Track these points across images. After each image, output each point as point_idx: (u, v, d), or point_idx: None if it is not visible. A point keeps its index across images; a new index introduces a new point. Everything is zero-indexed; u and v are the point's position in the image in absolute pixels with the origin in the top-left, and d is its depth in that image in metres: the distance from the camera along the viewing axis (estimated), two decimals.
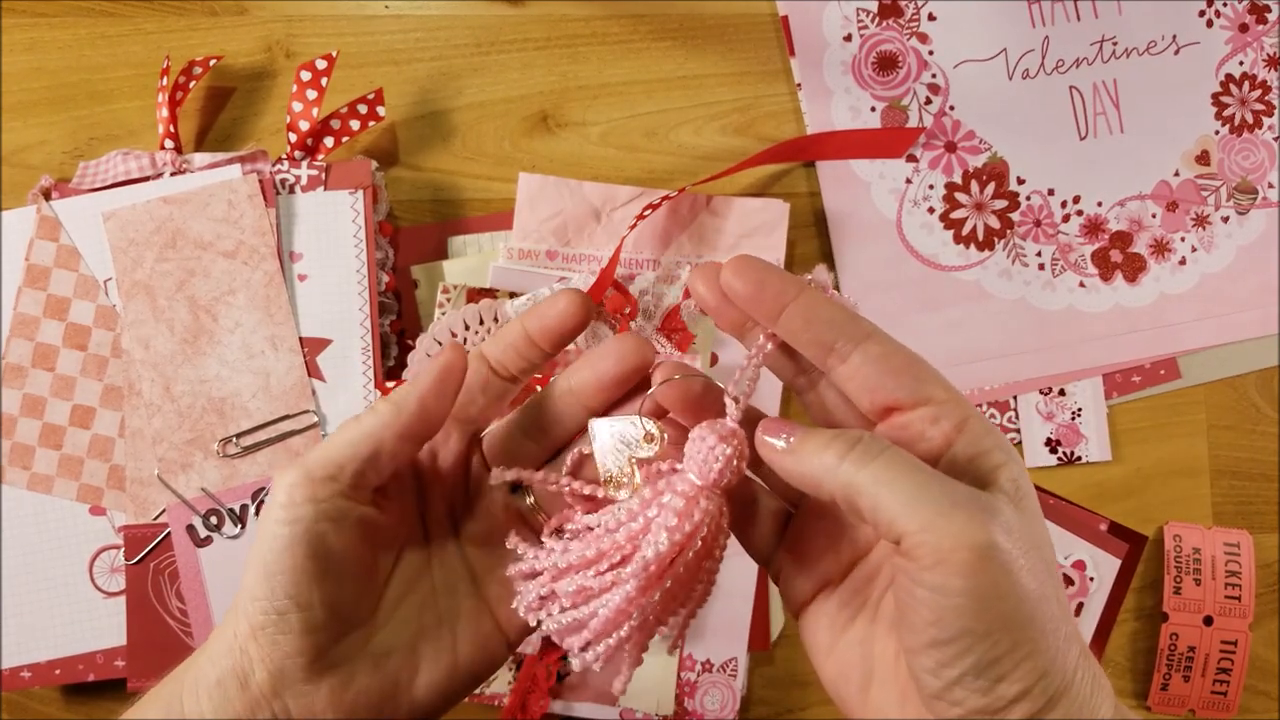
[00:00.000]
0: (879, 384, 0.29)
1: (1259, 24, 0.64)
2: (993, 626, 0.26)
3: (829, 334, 0.30)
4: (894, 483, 0.27)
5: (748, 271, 0.30)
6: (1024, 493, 0.29)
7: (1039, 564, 0.27)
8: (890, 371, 0.29)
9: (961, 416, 0.29)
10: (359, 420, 0.32)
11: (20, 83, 0.62)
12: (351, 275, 0.57)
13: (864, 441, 0.28)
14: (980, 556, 0.25)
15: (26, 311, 0.57)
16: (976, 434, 0.29)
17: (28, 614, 0.56)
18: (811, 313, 0.30)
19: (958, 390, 0.30)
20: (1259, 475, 0.64)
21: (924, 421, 0.29)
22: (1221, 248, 0.64)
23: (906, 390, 0.29)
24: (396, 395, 0.32)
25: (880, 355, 0.29)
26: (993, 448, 0.29)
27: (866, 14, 0.62)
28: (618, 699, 0.58)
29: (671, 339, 0.59)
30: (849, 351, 0.30)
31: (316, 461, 0.31)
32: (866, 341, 0.30)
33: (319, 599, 0.31)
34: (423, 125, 0.62)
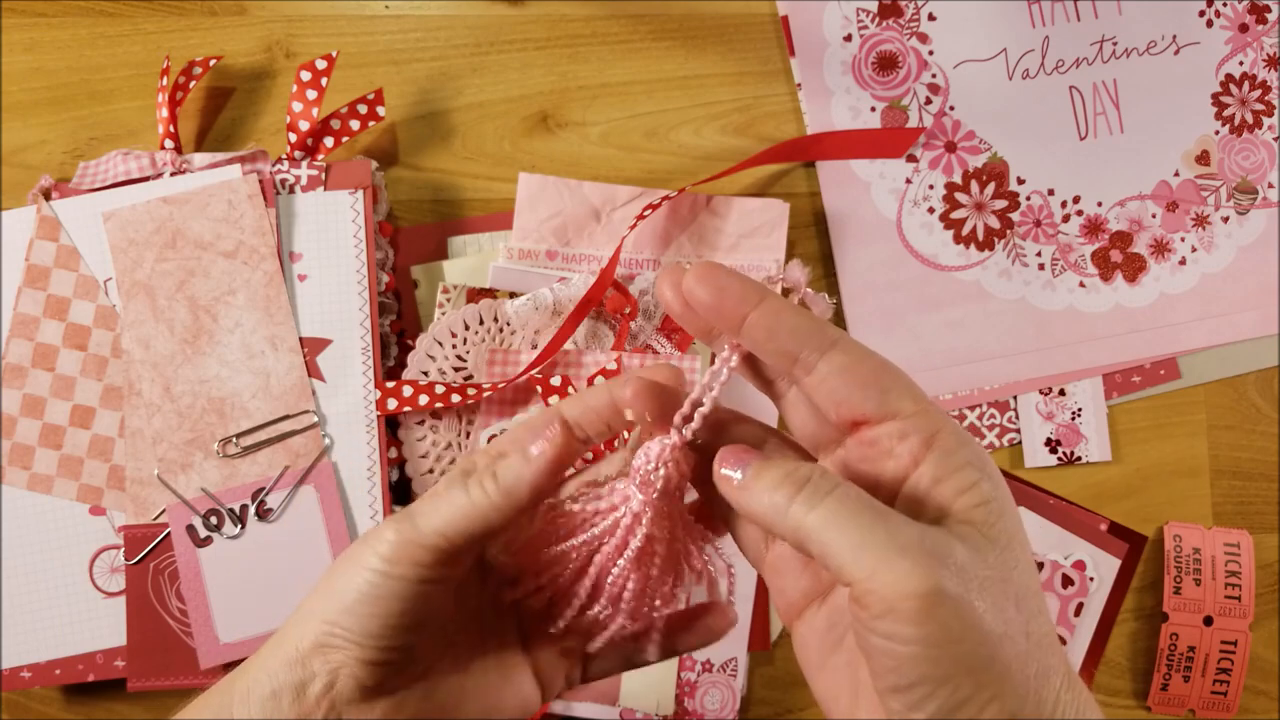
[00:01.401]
0: (845, 396, 0.28)
1: (1259, 24, 0.64)
2: (950, 671, 0.25)
3: (792, 344, 0.28)
4: (841, 528, 0.26)
5: (709, 279, 0.29)
6: (995, 514, 0.27)
7: (1002, 600, 0.26)
8: (856, 383, 0.28)
9: (931, 431, 0.28)
10: (469, 493, 0.31)
11: (20, 83, 0.62)
12: (351, 275, 0.57)
13: (812, 481, 0.27)
14: (927, 604, 0.25)
15: (26, 311, 0.57)
16: (948, 449, 0.28)
17: (28, 614, 0.56)
18: (773, 321, 0.28)
19: (929, 401, 0.29)
20: (1259, 475, 0.64)
21: (891, 437, 0.28)
22: (1221, 248, 0.64)
23: (873, 403, 0.28)
24: (508, 477, 0.31)
25: (845, 366, 0.28)
26: (964, 465, 0.28)
27: (866, 14, 0.62)
28: (617, 699, 0.58)
29: (672, 339, 0.59)
30: (814, 362, 0.28)
31: (430, 528, 0.31)
32: (831, 351, 0.28)
33: (397, 643, 0.31)
34: (423, 125, 0.62)
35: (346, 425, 0.57)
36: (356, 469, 0.56)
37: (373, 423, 0.57)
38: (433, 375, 0.58)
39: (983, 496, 0.27)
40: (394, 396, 0.56)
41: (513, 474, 0.31)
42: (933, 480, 0.28)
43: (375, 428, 0.57)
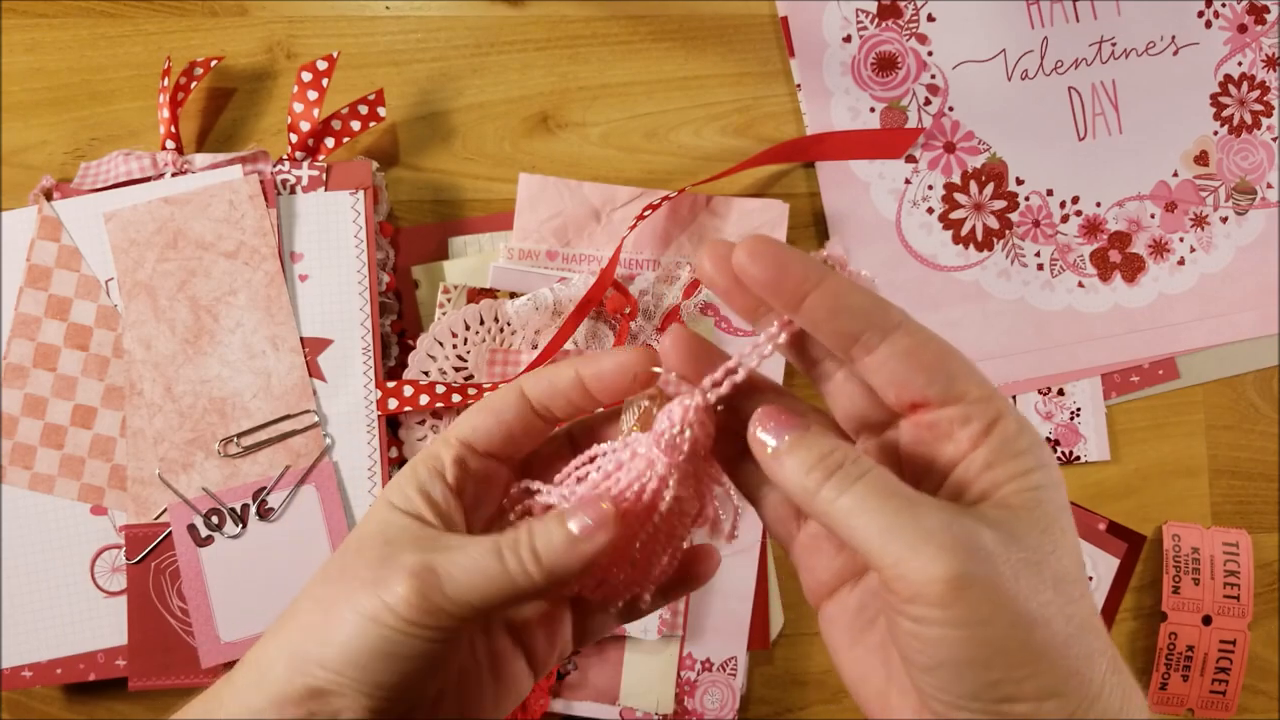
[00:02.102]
0: (907, 379, 0.28)
1: (1258, 25, 0.64)
2: (980, 653, 0.25)
3: (855, 324, 0.27)
4: (869, 514, 0.26)
5: (765, 254, 0.27)
6: (1039, 500, 0.27)
7: (1037, 583, 0.26)
8: (921, 367, 0.28)
9: (993, 417, 0.27)
10: (506, 563, 0.29)
11: (21, 83, 0.62)
12: (352, 275, 0.57)
13: (844, 466, 0.27)
14: (953, 588, 0.25)
15: (28, 312, 0.57)
16: (1007, 435, 0.27)
17: (29, 613, 0.56)
18: (837, 302, 0.27)
19: (993, 387, 0.28)
20: (1258, 475, 0.64)
21: (953, 422, 0.28)
22: (1220, 248, 0.64)
23: (938, 387, 0.27)
24: (552, 557, 0.29)
25: (909, 349, 0.27)
26: (1021, 452, 0.27)
27: (866, 15, 0.62)
28: (617, 698, 0.58)
29: None
30: (876, 343, 0.28)
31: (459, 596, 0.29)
32: (895, 332, 0.28)
33: (414, 689, 0.30)
34: (423, 126, 0.62)
35: (347, 425, 0.57)
36: (357, 469, 0.57)
37: (374, 423, 0.57)
38: (433, 375, 0.58)
39: (1031, 483, 0.27)
40: (395, 396, 0.56)
41: (558, 558, 0.30)
42: (985, 464, 0.27)
43: (376, 427, 0.57)
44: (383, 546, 0.30)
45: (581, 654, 0.58)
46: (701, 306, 0.59)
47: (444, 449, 0.32)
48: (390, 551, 0.30)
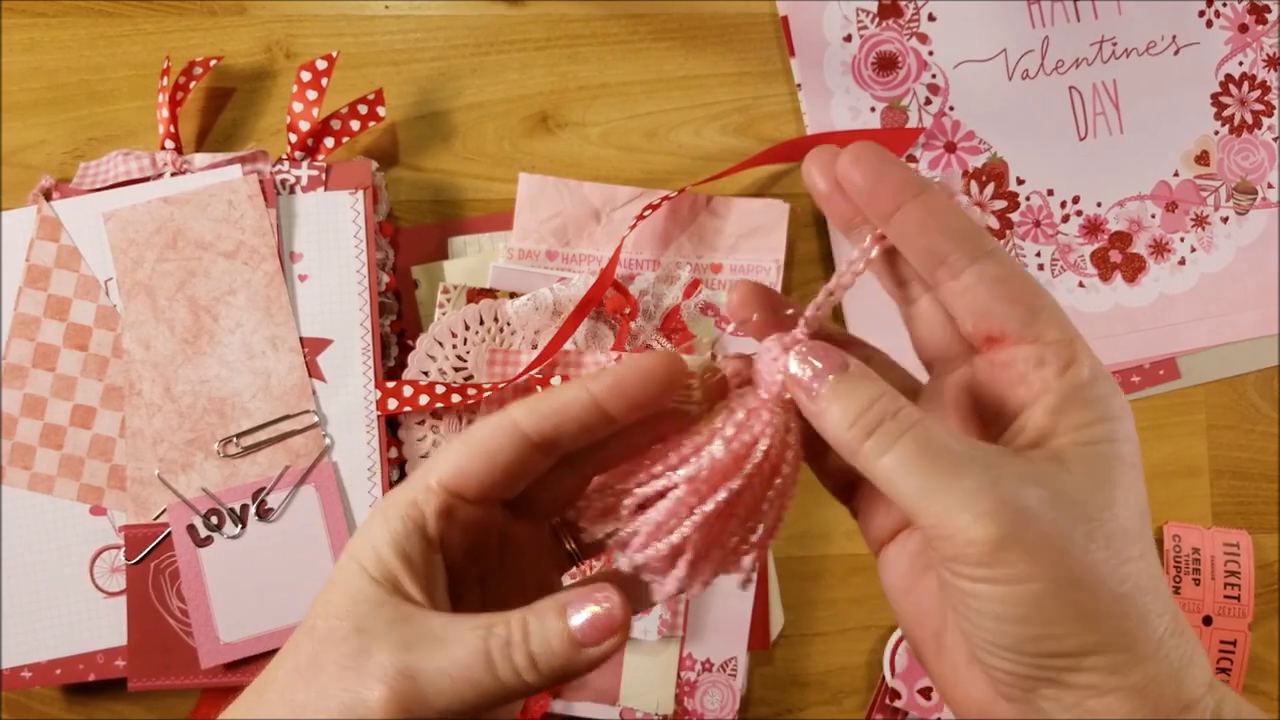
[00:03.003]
0: (989, 309, 0.26)
1: (1259, 24, 0.64)
2: (1019, 611, 0.25)
3: (944, 244, 0.26)
4: (908, 473, 0.25)
5: (867, 160, 0.27)
6: (1098, 455, 0.26)
7: (1085, 542, 0.25)
8: (1004, 298, 0.26)
9: (1067, 360, 0.26)
10: (497, 667, 0.27)
11: (20, 83, 0.62)
12: (352, 275, 0.57)
13: (885, 424, 0.26)
14: (992, 549, 0.24)
15: (27, 312, 0.57)
16: (1079, 384, 0.26)
17: (28, 614, 0.56)
18: (930, 217, 0.27)
19: (1076, 331, 0.27)
20: (1258, 475, 0.64)
21: (1029, 362, 0.26)
22: (1221, 248, 0.64)
23: (1018, 321, 0.26)
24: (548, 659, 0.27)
25: (997, 278, 0.26)
26: (1089, 401, 0.26)
27: (866, 14, 0.62)
28: (617, 698, 0.58)
29: (672, 339, 0.59)
30: (962, 267, 0.27)
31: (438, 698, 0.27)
32: (985, 260, 0.26)
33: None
34: (423, 125, 0.62)
35: (347, 425, 0.57)
36: (357, 469, 0.57)
37: (373, 423, 0.57)
38: (433, 375, 0.58)
39: (1093, 435, 0.26)
40: (394, 396, 0.56)
41: (558, 666, 0.27)
42: (1050, 410, 0.26)
43: (376, 428, 0.57)
44: (355, 636, 0.27)
45: None
46: (702, 306, 0.59)
47: (425, 498, 0.28)
48: (364, 644, 0.27)
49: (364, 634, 0.27)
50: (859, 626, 0.62)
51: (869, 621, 0.62)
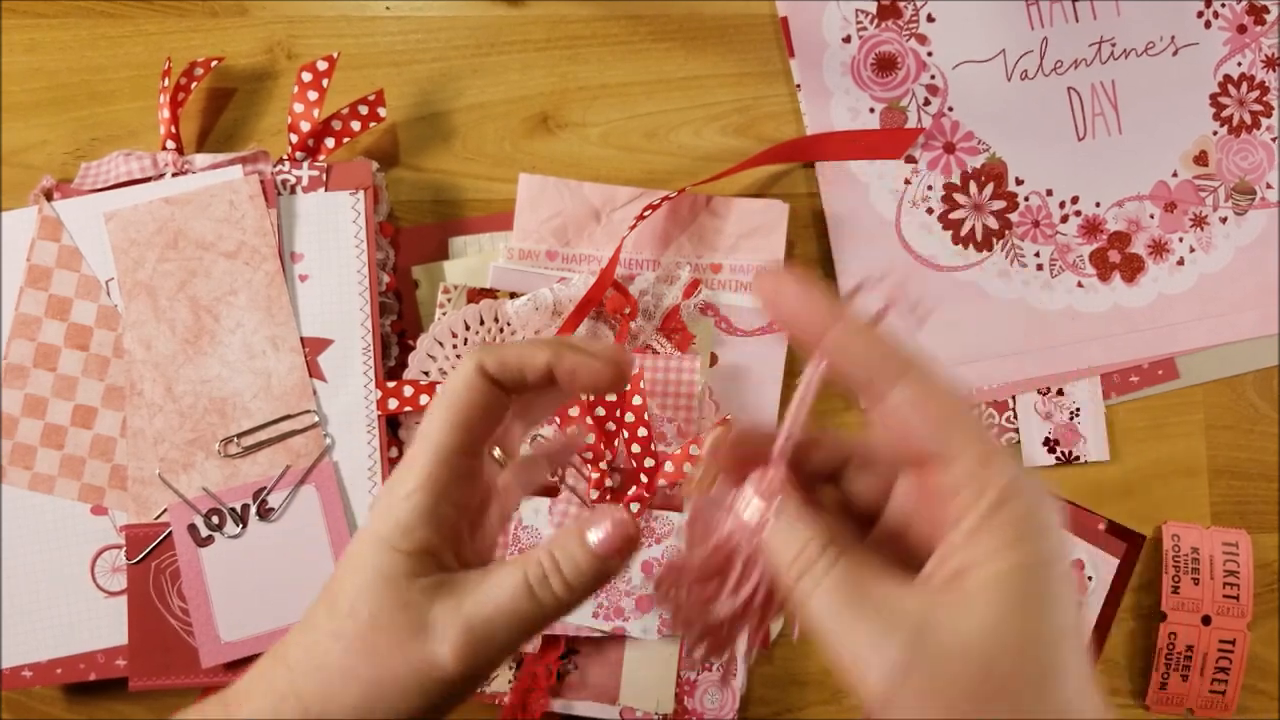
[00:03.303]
0: (908, 432, 0.27)
1: (1257, 25, 0.64)
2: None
3: (864, 372, 0.28)
4: (825, 619, 0.26)
5: (783, 293, 0.28)
6: (1006, 587, 0.25)
7: (981, 683, 0.25)
8: (921, 420, 0.27)
9: (983, 484, 0.26)
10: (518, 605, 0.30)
11: (21, 83, 0.62)
12: (352, 276, 0.57)
13: (817, 564, 0.27)
14: (883, 703, 0.25)
15: (28, 312, 0.57)
16: (993, 506, 0.26)
17: (29, 613, 0.56)
18: (847, 346, 0.28)
19: (995, 447, 0.27)
20: (1257, 475, 0.64)
21: (948, 485, 0.27)
22: (1220, 248, 0.64)
23: (936, 443, 0.27)
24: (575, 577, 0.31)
25: (914, 400, 0.27)
26: (1011, 521, 0.26)
27: (866, 15, 0.62)
28: (617, 698, 0.58)
29: (672, 339, 0.59)
30: (884, 391, 0.27)
31: (498, 640, 0.30)
32: (903, 382, 0.27)
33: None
34: (423, 126, 0.62)
35: (347, 425, 0.57)
36: (357, 469, 0.57)
37: (374, 423, 0.57)
38: (433, 375, 0.58)
39: (1007, 563, 0.25)
40: (395, 396, 0.56)
41: (587, 580, 0.31)
42: (969, 534, 0.26)
43: (376, 427, 0.57)
44: (403, 612, 0.30)
45: (581, 654, 0.58)
46: (701, 306, 0.59)
47: (433, 468, 0.31)
48: (415, 616, 0.30)
49: (411, 607, 0.29)
50: None
51: None
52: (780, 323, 0.29)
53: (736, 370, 0.59)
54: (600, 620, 0.56)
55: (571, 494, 0.56)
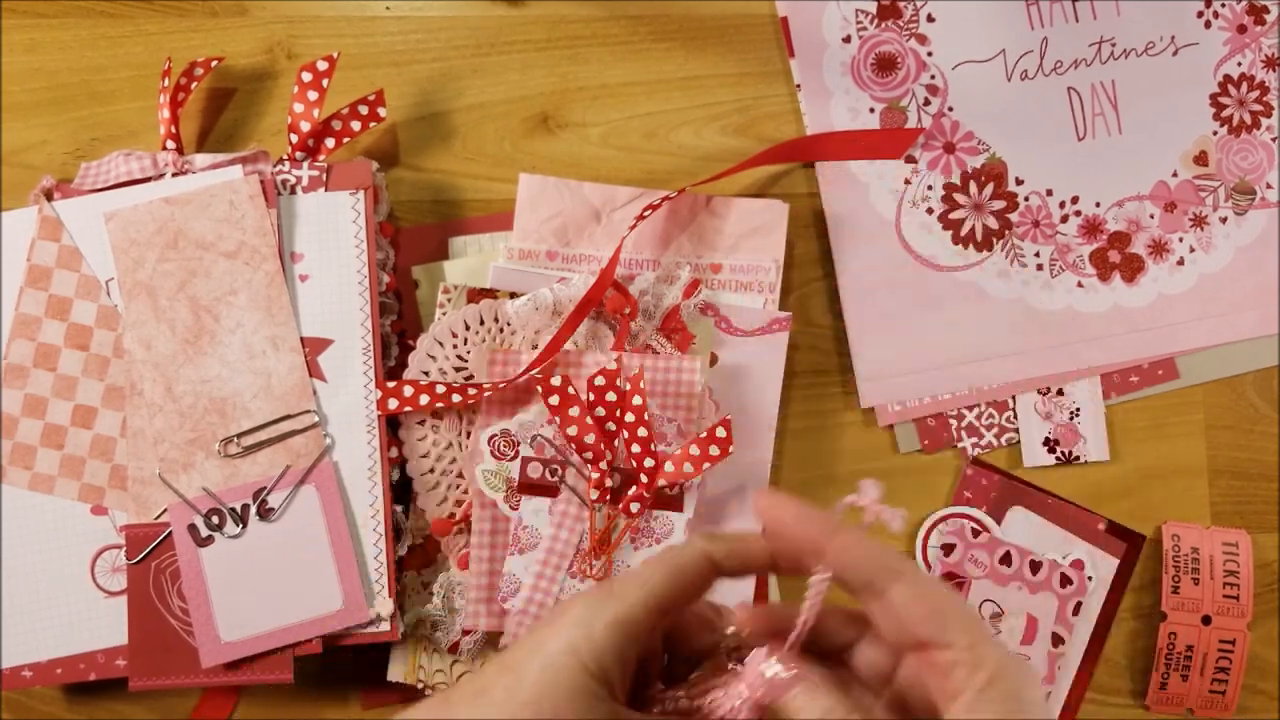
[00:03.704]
0: (908, 623, 0.32)
1: (1257, 25, 0.64)
2: None
3: (863, 576, 0.33)
4: None
5: (781, 517, 0.34)
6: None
7: None
8: (919, 614, 0.32)
9: (975, 664, 0.31)
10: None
11: (21, 83, 0.62)
12: (352, 276, 0.57)
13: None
14: None
15: (28, 312, 0.57)
16: (984, 684, 0.31)
17: (29, 613, 0.56)
18: (845, 556, 0.33)
19: (985, 633, 0.32)
20: (1257, 475, 0.64)
21: (945, 666, 0.31)
22: (1220, 248, 0.64)
23: (932, 631, 0.32)
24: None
25: (913, 596, 0.32)
26: (1001, 698, 0.31)
27: (866, 15, 0.62)
28: None
29: (672, 339, 0.59)
30: (884, 589, 0.32)
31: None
32: (899, 581, 0.32)
33: None
34: (423, 126, 0.63)
35: (347, 425, 0.57)
36: (357, 469, 0.57)
37: (374, 423, 0.57)
38: (433, 375, 0.58)
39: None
40: (395, 396, 0.57)
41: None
42: (966, 708, 0.31)
43: (376, 427, 0.57)
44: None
45: None
46: (701, 306, 0.59)
47: (641, 614, 0.33)
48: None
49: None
50: None
51: None
52: (781, 541, 0.34)
53: (736, 370, 0.59)
54: None
55: (572, 494, 0.56)
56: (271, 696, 0.61)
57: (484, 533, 0.57)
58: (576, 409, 0.55)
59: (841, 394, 0.63)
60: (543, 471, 0.56)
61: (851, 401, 0.63)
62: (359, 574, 0.56)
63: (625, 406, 0.55)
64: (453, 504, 0.58)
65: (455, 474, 0.58)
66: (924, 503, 0.63)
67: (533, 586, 0.56)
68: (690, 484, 0.56)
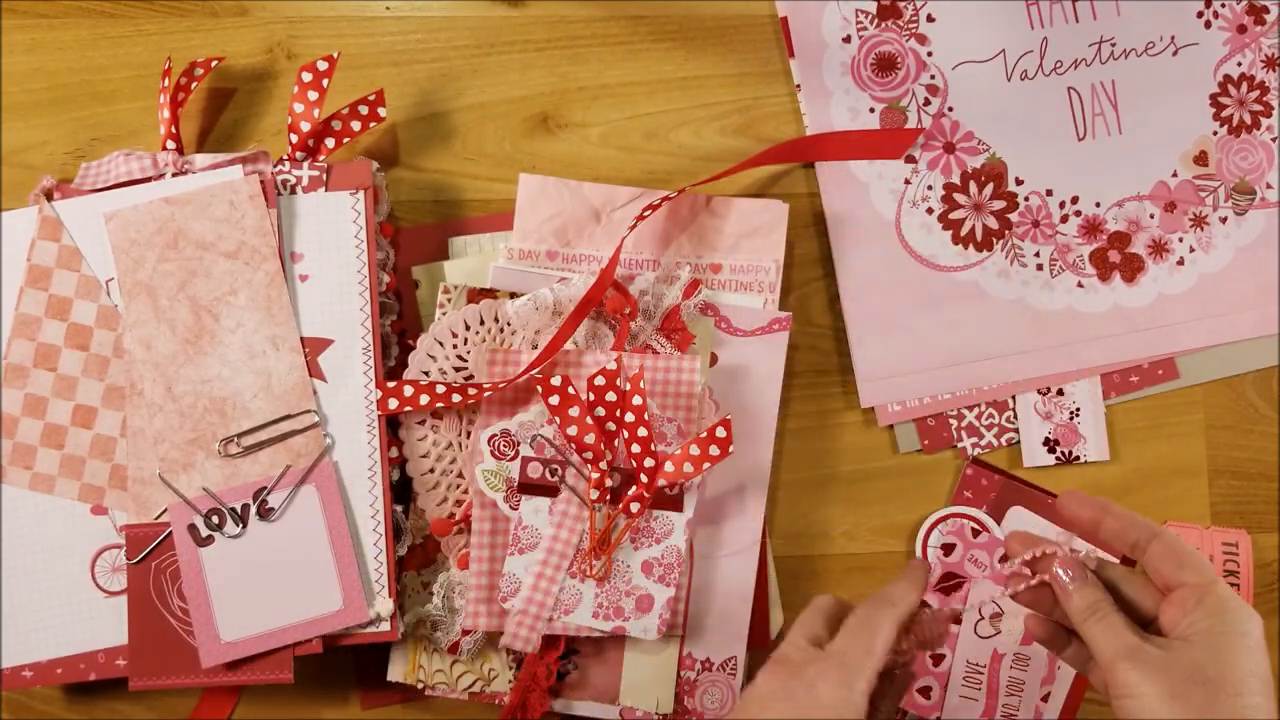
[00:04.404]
0: (1162, 572, 0.44)
1: (1257, 25, 0.64)
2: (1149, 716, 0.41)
3: (1131, 539, 0.46)
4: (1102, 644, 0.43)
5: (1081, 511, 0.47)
6: (1208, 642, 0.41)
7: (1190, 685, 0.40)
8: (1170, 564, 0.44)
9: (1200, 595, 0.43)
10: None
11: (21, 83, 0.62)
12: (352, 276, 0.57)
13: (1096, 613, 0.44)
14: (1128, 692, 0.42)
15: (28, 312, 0.57)
16: (1205, 605, 0.43)
17: (29, 613, 0.56)
18: (1120, 526, 0.46)
19: (1210, 571, 0.44)
20: (1257, 475, 0.64)
21: (1180, 596, 0.43)
22: (1220, 248, 0.64)
23: (1175, 575, 0.44)
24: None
25: (1162, 553, 0.44)
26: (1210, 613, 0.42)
27: (866, 15, 0.62)
28: (617, 698, 0.58)
29: (672, 339, 0.59)
30: (1144, 548, 0.45)
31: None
32: (1154, 541, 0.45)
33: None
34: (423, 126, 0.63)
35: (347, 425, 0.57)
36: (358, 468, 0.57)
37: (374, 422, 0.57)
38: (433, 375, 0.58)
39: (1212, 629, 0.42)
40: (395, 396, 0.57)
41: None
42: (1190, 621, 0.43)
43: (376, 427, 0.57)
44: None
45: (581, 654, 0.58)
46: (701, 307, 0.59)
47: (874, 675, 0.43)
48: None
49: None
50: None
51: None
52: (1074, 525, 0.48)
53: (736, 370, 0.59)
54: (600, 620, 0.56)
55: (572, 494, 0.56)
56: (271, 696, 0.61)
57: (484, 533, 0.57)
58: (576, 409, 0.55)
59: (841, 394, 0.63)
60: (543, 471, 0.56)
61: (851, 401, 0.63)
62: (359, 574, 0.56)
63: (625, 406, 0.55)
64: (453, 504, 0.58)
65: (455, 474, 0.58)
66: (924, 503, 0.63)
67: (533, 586, 0.56)
68: (690, 484, 0.56)
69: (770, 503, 0.61)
